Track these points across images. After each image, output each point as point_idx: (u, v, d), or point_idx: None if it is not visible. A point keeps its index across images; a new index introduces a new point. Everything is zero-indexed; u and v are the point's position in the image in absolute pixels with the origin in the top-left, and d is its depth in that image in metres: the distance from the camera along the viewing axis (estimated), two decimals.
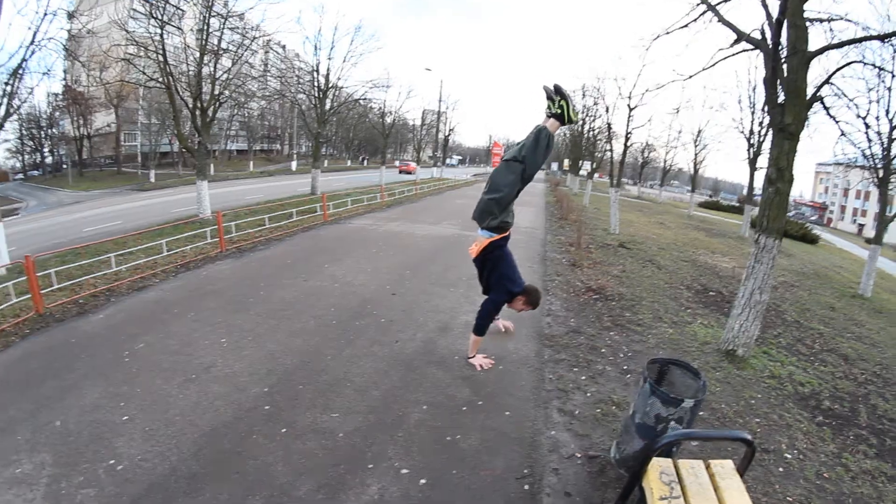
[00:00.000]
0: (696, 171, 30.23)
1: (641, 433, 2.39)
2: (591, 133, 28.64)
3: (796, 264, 13.21)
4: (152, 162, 39.62)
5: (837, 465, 3.37)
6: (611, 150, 16.73)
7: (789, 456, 3.34)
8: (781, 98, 4.45)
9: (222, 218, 7.91)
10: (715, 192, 70.51)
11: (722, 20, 4.92)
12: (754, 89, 18.50)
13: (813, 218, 49.80)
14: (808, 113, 4.53)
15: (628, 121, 13.97)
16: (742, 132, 19.18)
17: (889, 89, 9.21)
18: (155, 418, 3.10)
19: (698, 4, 5.06)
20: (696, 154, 28.96)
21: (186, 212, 15.40)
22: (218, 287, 6.00)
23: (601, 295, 6.53)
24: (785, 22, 4.21)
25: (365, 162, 61.35)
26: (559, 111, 3.38)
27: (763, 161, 18.74)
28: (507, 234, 3.81)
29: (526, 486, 2.72)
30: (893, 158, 9.49)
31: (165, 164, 43.10)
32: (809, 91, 4.48)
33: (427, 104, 55.59)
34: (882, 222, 10.36)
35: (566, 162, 41.73)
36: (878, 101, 9.56)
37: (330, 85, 19.21)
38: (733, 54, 5.31)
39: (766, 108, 4.48)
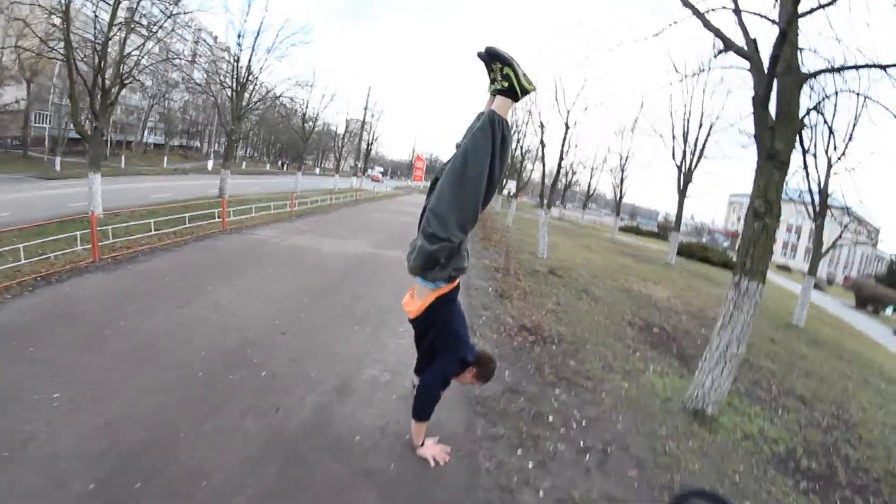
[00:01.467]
0: (620, 195, 31.04)
1: None
2: (519, 151, 28.46)
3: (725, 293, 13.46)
4: (60, 147, 35.01)
5: None
6: (543, 171, 15.92)
7: None
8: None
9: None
10: (632, 217, 74.00)
11: (709, 26, 4.34)
12: (688, 120, 19.21)
13: (725, 244, 53.26)
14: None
15: (565, 139, 13.61)
16: (674, 160, 19.84)
17: (828, 124, 9.31)
18: None
19: (682, 8, 4.42)
20: (622, 179, 29.84)
21: (86, 207, 13.45)
22: (76, 310, 4.64)
23: (538, 336, 5.63)
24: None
25: (285, 167, 59.13)
26: (505, 84, 2.31)
27: (693, 189, 19.49)
28: (457, 283, 2.76)
29: None
30: (830, 194, 9.66)
31: (77, 151, 38.08)
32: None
33: (352, 111, 54.05)
34: (817, 255, 10.59)
35: None
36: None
37: (250, 77, 17.59)
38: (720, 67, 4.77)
39: (755, 133, 3.80)
